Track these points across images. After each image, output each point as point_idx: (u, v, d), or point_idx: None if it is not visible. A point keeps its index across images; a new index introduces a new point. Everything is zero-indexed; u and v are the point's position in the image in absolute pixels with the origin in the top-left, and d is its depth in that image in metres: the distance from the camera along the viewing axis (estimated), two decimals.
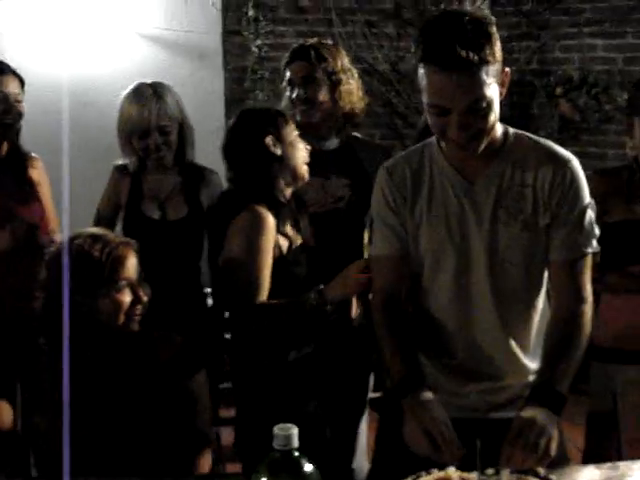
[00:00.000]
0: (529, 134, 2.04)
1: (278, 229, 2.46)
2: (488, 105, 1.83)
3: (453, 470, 1.76)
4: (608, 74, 4.83)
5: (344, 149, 2.95)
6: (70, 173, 2.51)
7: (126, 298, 2.08)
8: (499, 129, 1.97)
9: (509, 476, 1.74)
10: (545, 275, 2.02)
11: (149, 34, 4.77)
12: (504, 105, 1.90)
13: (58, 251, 2.10)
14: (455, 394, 2.05)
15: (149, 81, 2.97)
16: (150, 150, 2.91)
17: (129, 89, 2.94)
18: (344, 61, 2.94)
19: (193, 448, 2.13)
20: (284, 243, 2.49)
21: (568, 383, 1.90)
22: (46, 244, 2.97)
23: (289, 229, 2.52)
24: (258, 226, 2.40)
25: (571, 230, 1.96)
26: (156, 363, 2.10)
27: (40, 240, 2.98)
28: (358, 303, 2.63)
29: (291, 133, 2.54)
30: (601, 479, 1.87)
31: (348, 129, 2.98)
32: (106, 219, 3.06)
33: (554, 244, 1.97)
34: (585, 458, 2.85)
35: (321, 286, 2.43)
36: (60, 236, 2.80)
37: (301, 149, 2.56)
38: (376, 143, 2.99)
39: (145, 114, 2.86)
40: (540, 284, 2.03)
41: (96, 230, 2.17)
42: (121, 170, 3.04)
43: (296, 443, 1.40)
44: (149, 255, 2.21)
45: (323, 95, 2.86)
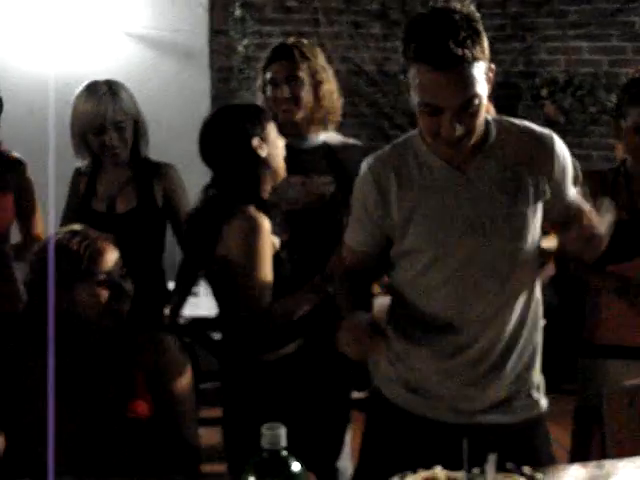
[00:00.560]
0: (504, 117, 2.04)
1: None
2: (480, 102, 1.83)
3: (440, 469, 1.76)
4: (593, 76, 4.85)
5: (324, 148, 2.95)
6: (56, 173, 2.50)
7: (104, 292, 2.07)
8: None
9: (495, 475, 1.74)
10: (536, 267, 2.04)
11: (136, 33, 4.75)
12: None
13: (40, 249, 2.10)
14: (443, 397, 2.03)
15: (102, 79, 2.94)
16: (106, 147, 2.89)
17: (81, 87, 2.92)
18: (322, 60, 2.94)
19: (178, 454, 2.11)
20: (276, 242, 2.49)
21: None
22: (8, 252, 2.99)
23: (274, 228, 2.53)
24: (257, 230, 2.40)
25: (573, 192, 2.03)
26: (137, 367, 2.07)
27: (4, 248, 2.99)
28: None
29: (272, 131, 2.54)
30: (586, 478, 1.88)
31: (328, 128, 2.98)
32: (70, 222, 3.02)
33: (563, 205, 2.01)
34: (572, 455, 2.86)
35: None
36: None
37: (281, 147, 2.56)
38: (352, 142, 2.98)
39: (101, 110, 2.85)
40: (535, 272, 2.03)
41: (77, 226, 2.17)
42: (79, 172, 3.04)
43: (284, 443, 1.39)
44: None
45: (306, 94, 2.86)
